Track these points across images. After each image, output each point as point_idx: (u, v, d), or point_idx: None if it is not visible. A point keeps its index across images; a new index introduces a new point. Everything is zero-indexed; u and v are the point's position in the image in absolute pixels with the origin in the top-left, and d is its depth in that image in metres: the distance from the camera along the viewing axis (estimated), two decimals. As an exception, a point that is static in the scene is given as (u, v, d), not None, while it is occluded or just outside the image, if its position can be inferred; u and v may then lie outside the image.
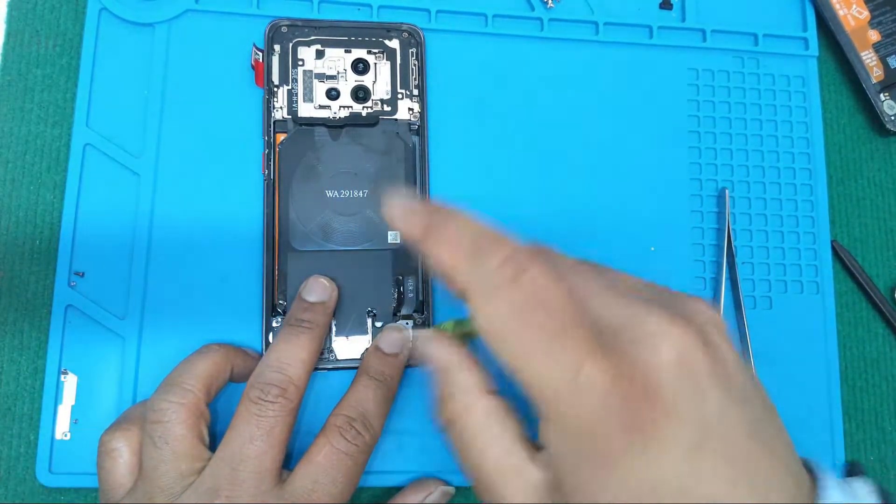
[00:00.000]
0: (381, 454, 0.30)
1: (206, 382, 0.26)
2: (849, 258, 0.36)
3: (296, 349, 0.27)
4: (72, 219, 0.30)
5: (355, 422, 0.26)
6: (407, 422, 0.30)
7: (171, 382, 0.26)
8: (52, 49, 0.32)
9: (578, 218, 0.33)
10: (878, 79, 0.37)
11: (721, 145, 0.35)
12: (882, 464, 0.34)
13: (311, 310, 0.28)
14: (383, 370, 0.28)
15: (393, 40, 0.32)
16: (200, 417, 0.26)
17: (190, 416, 0.25)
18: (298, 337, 0.27)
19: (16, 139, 0.31)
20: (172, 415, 0.25)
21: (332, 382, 0.30)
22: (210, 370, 0.26)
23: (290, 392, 0.26)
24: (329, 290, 0.29)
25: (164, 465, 0.25)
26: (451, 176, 0.33)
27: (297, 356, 0.27)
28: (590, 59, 0.35)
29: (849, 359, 0.35)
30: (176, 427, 0.25)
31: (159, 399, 0.25)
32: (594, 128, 0.34)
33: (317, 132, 0.31)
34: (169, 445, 0.25)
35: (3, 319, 0.30)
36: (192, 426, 0.25)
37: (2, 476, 0.29)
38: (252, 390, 0.26)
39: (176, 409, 0.25)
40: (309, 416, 0.30)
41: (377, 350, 0.29)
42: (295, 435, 0.28)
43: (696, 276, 0.34)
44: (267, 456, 0.25)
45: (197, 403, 0.26)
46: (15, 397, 0.29)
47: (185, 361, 0.27)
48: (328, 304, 0.29)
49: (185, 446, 0.25)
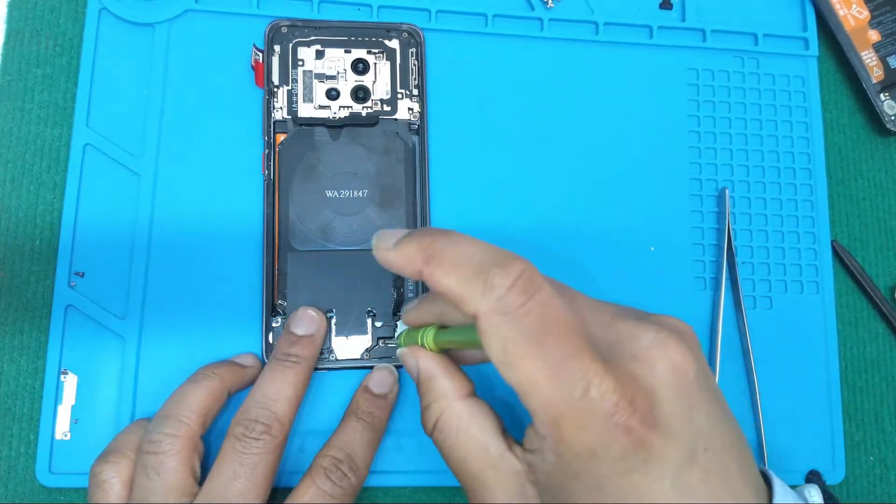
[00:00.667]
0: (380, 454, 0.30)
1: (201, 413, 0.26)
2: (849, 258, 0.36)
3: (282, 385, 0.27)
4: (72, 219, 0.30)
5: (342, 463, 0.26)
6: (407, 422, 0.30)
7: (167, 413, 0.26)
8: (52, 49, 0.32)
9: (578, 218, 0.33)
10: (878, 79, 0.37)
11: (721, 145, 0.35)
12: (882, 464, 0.34)
13: (298, 343, 0.28)
14: (372, 411, 0.28)
15: (393, 40, 0.32)
16: (194, 450, 0.26)
17: (184, 448, 0.25)
18: (285, 372, 0.27)
19: (16, 139, 0.31)
20: (167, 446, 0.25)
21: (331, 383, 0.30)
22: (205, 401, 0.26)
23: (274, 429, 0.26)
24: (318, 323, 0.29)
25: (154, 496, 0.25)
26: (451, 176, 0.33)
27: (282, 392, 0.26)
28: (590, 59, 0.35)
29: (849, 359, 0.35)
30: (170, 459, 0.25)
31: (156, 430, 0.25)
32: (594, 128, 0.34)
33: (317, 132, 0.31)
34: (161, 477, 0.25)
35: (3, 319, 0.30)
36: (185, 459, 0.25)
37: (2, 476, 0.29)
38: (237, 427, 0.26)
39: (171, 442, 0.25)
40: (308, 418, 0.30)
41: (366, 391, 0.29)
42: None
43: (696, 276, 0.34)
44: (250, 493, 0.25)
45: (192, 436, 0.26)
46: (15, 397, 0.29)
47: (180, 390, 0.27)
48: (316, 336, 0.29)
49: (177, 479, 0.25)
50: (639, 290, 0.33)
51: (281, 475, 0.28)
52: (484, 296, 0.20)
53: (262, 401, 0.26)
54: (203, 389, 0.27)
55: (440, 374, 0.24)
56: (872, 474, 0.34)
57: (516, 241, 0.33)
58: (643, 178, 0.34)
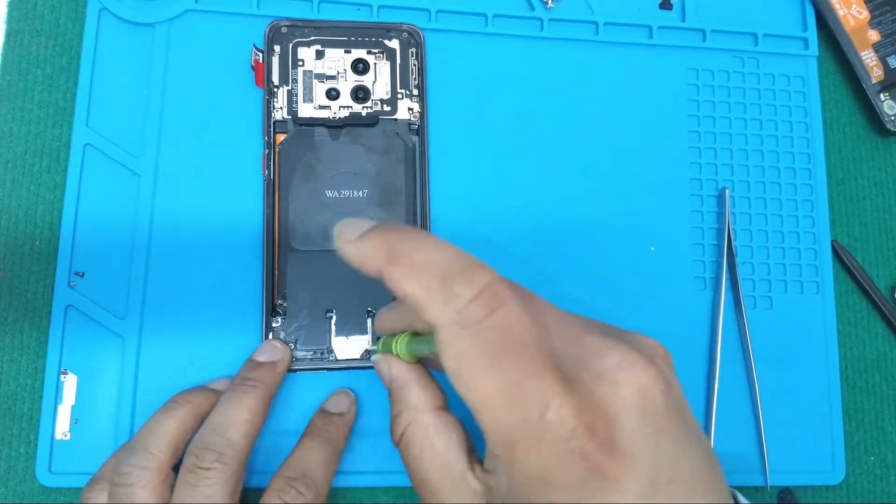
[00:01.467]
0: (378, 454, 0.30)
1: (171, 444, 0.26)
2: (849, 258, 0.36)
3: (236, 410, 0.26)
4: (72, 219, 0.30)
5: (295, 481, 0.26)
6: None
7: (136, 445, 0.26)
8: (52, 49, 0.32)
9: (578, 218, 0.33)
10: (878, 79, 0.37)
11: (721, 145, 0.35)
12: (882, 464, 0.34)
13: (258, 369, 0.28)
14: (327, 428, 0.28)
15: (393, 40, 0.32)
16: (164, 482, 0.25)
17: (152, 480, 0.25)
18: (241, 397, 0.26)
19: (16, 139, 0.31)
20: (135, 478, 0.25)
21: (331, 383, 0.30)
22: (175, 430, 0.26)
23: (227, 456, 0.25)
24: (280, 353, 0.28)
25: None
26: (451, 176, 0.33)
27: (237, 417, 0.26)
28: (590, 59, 0.35)
29: (849, 359, 0.35)
30: (139, 491, 0.25)
31: (126, 462, 0.25)
32: (594, 128, 0.34)
33: (317, 132, 0.31)
34: None
35: (3, 319, 0.30)
36: (154, 490, 0.25)
37: (2, 476, 0.29)
38: (188, 457, 0.25)
39: (139, 474, 0.25)
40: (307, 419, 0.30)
41: (322, 412, 0.29)
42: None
43: (696, 276, 0.34)
44: None
45: (161, 468, 0.25)
46: (15, 397, 0.29)
47: (151, 419, 0.27)
48: (278, 365, 0.28)
49: None
50: (639, 290, 0.33)
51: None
52: (444, 306, 0.19)
53: (216, 427, 0.25)
54: (173, 419, 0.26)
55: (412, 383, 0.23)
56: (872, 474, 0.34)
57: (516, 241, 0.33)
58: (643, 178, 0.34)
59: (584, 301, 0.32)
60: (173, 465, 0.26)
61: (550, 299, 0.22)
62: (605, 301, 0.33)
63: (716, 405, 0.32)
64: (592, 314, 0.23)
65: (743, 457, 0.32)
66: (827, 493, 0.33)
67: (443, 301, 0.19)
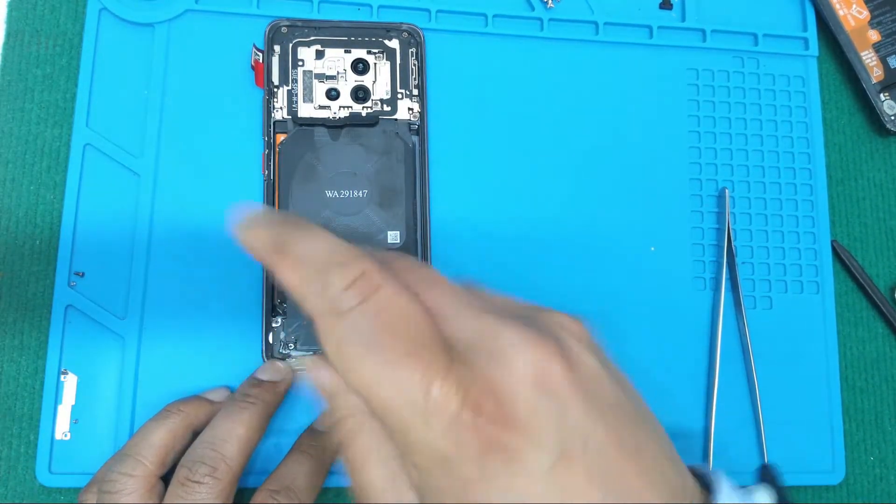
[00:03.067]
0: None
1: (160, 453, 0.26)
2: (849, 258, 0.36)
3: (233, 424, 0.26)
4: (72, 219, 0.30)
5: (278, 493, 0.26)
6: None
7: (125, 452, 0.26)
8: (52, 49, 0.32)
9: (578, 218, 0.33)
10: (878, 79, 0.37)
11: (721, 145, 0.35)
12: (882, 464, 0.34)
13: (259, 386, 0.28)
14: (314, 444, 0.28)
15: (393, 40, 0.32)
16: (151, 490, 0.25)
17: (139, 488, 0.25)
18: (239, 413, 0.26)
19: (16, 139, 0.31)
20: (122, 486, 0.25)
21: (331, 382, 0.30)
22: (165, 440, 0.26)
23: (220, 471, 0.25)
24: (282, 373, 0.28)
25: None
26: (450, 176, 0.33)
27: (233, 431, 0.26)
28: (590, 59, 0.35)
29: (849, 359, 0.35)
30: (125, 499, 0.25)
31: (113, 470, 0.25)
32: (594, 127, 0.34)
33: (317, 132, 0.31)
34: None
35: (3, 319, 0.30)
36: (140, 498, 0.25)
37: (2, 476, 0.29)
38: (181, 469, 0.25)
39: (125, 482, 0.25)
40: (307, 420, 0.30)
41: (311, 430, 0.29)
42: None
43: (696, 276, 0.34)
44: None
45: (148, 476, 0.25)
46: (15, 397, 0.29)
47: (143, 428, 0.27)
48: (279, 385, 0.28)
49: None
50: (639, 291, 0.33)
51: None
52: (320, 296, 0.19)
53: (210, 440, 0.25)
54: (164, 428, 0.26)
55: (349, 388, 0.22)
56: (872, 474, 0.34)
57: (516, 241, 0.33)
58: (643, 179, 0.34)
59: (583, 300, 0.32)
60: (161, 474, 0.26)
61: (550, 298, 0.22)
62: (605, 301, 0.33)
63: (716, 405, 0.32)
64: (592, 314, 0.22)
65: (743, 457, 0.32)
66: (827, 493, 0.33)
67: (318, 291, 0.19)
